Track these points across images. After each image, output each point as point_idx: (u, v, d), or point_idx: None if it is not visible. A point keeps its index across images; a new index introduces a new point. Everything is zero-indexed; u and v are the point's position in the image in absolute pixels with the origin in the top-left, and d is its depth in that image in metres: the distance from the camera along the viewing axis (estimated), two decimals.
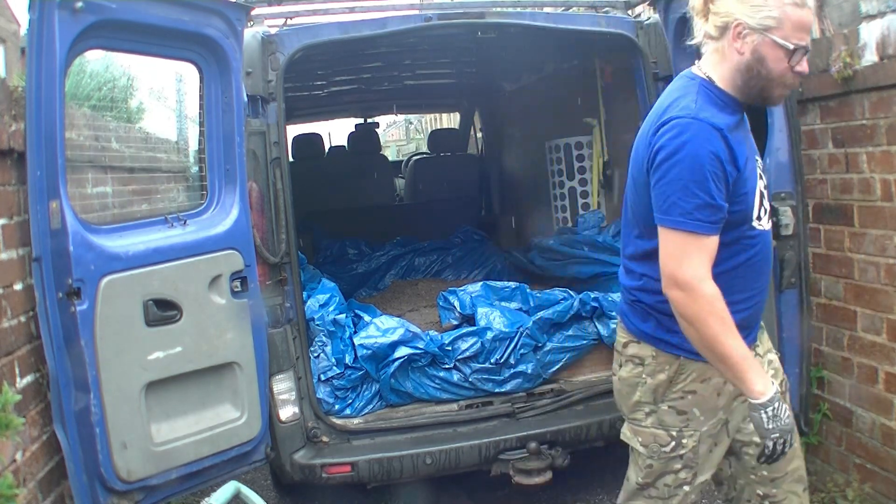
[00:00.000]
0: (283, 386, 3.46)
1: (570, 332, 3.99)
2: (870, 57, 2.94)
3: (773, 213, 3.07)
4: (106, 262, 2.64)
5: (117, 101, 3.43)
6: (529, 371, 3.84)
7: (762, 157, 3.23)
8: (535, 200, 6.48)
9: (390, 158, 9.99)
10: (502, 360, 3.83)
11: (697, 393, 2.29)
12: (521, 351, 3.85)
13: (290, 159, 4.48)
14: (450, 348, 3.84)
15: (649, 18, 3.91)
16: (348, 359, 3.75)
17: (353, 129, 7.85)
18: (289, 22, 3.72)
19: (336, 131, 9.26)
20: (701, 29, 2.21)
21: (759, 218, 2.23)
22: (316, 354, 3.72)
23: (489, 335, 3.89)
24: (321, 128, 7.86)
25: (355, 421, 3.69)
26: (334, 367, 3.71)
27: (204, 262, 2.94)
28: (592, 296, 4.06)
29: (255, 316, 3.11)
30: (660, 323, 2.27)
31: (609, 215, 5.38)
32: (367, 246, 6.33)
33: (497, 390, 3.83)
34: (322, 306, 3.88)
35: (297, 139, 7.11)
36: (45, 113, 2.47)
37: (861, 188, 3.12)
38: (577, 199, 5.84)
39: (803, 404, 3.26)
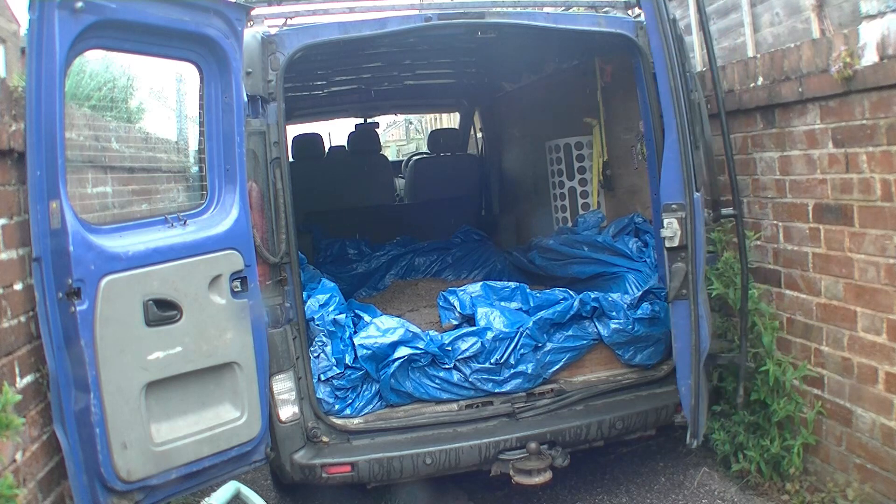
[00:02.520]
0: (283, 386, 3.47)
1: (570, 332, 4.00)
2: (870, 57, 2.94)
3: (660, 224, 3.15)
4: (106, 262, 2.64)
5: (117, 101, 3.43)
6: (529, 371, 3.84)
7: (658, 167, 3.26)
8: (535, 200, 6.48)
9: (390, 158, 9.97)
10: (502, 360, 3.84)
11: None
12: (521, 351, 3.85)
13: (290, 159, 4.48)
14: (450, 348, 3.84)
15: None
16: (348, 359, 3.75)
17: (353, 129, 7.85)
18: (289, 22, 3.73)
19: (336, 131, 9.25)
20: None
21: None
22: (316, 354, 3.72)
23: (489, 335, 3.89)
24: (321, 128, 7.86)
25: (355, 421, 3.70)
26: (334, 367, 3.72)
27: (204, 262, 2.94)
28: (592, 296, 4.06)
29: (255, 316, 3.11)
30: None
31: (609, 215, 5.38)
32: (367, 246, 6.33)
33: (497, 390, 3.83)
34: (322, 306, 3.88)
35: (297, 139, 7.11)
36: (45, 113, 2.47)
37: (861, 188, 3.12)
38: (577, 199, 5.84)
39: (694, 415, 3.27)
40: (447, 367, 3.83)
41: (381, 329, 3.85)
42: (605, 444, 3.86)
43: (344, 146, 7.81)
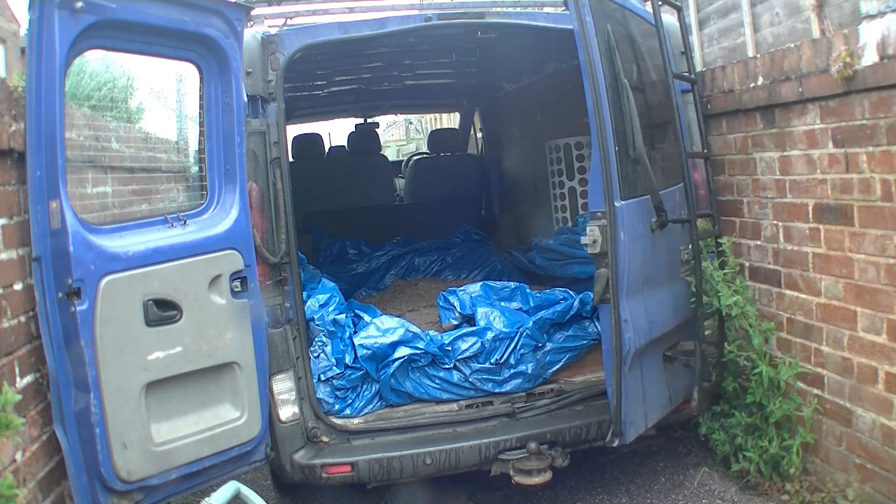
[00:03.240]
0: (283, 386, 3.47)
1: (570, 332, 4.00)
2: (870, 57, 2.94)
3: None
4: (106, 262, 2.64)
5: (117, 101, 3.43)
6: (529, 371, 3.84)
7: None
8: (535, 200, 6.47)
9: (390, 158, 9.96)
10: (502, 360, 3.84)
11: None
12: (521, 351, 3.85)
13: (290, 159, 4.47)
14: (450, 348, 3.85)
15: None
16: (348, 359, 3.75)
17: (353, 129, 7.85)
18: (289, 22, 3.73)
19: (336, 131, 9.25)
20: None
21: None
22: (316, 354, 3.72)
23: (489, 335, 3.90)
24: (321, 128, 7.86)
25: (355, 421, 3.70)
26: (334, 367, 3.72)
27: (204, 262, 2.94)
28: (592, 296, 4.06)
29: (255, 316, 3.12)
30: None
31: None
32: (367, 246, 6.33)
33: (497, 390, 3.83)
34: (322, 306, 3.88)
35: (297, 139, 7.11)
36: (45, 113, 2.47)
37: (861, 188, 3.12)
38: (577, 199, 5.83)
39: (617, 414, 3.34)
40: (447, 367, 3.83)
41: (381, 329, 3.85)
42: (605, 444, 3.86)
43: (344, 146, 7.81)
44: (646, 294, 3.44)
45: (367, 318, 4.09)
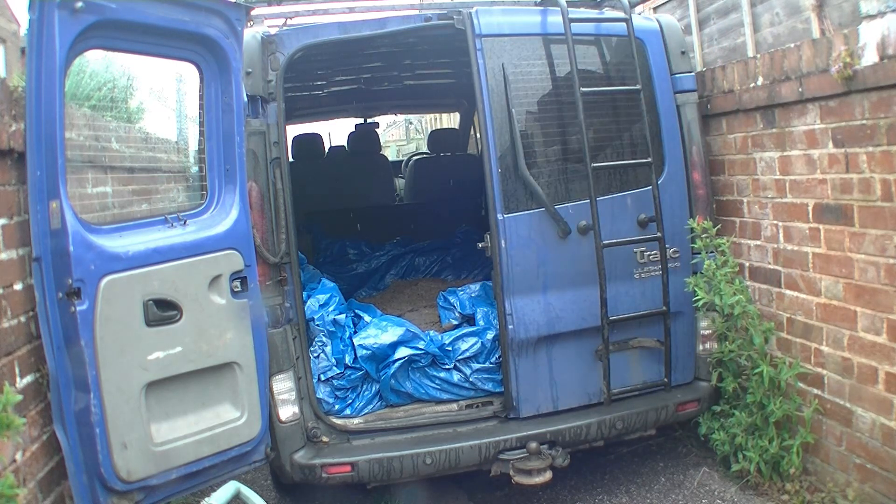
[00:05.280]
0: (283, 386, 3.47)
1: None
2: (870, 57, 2.94)
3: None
4: (106, 262, 2.64)
5: (117, 101, 3.42)
6: None
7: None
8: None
9: (390, 158, 9.94)
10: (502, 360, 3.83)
11: None
12: None
13: (290, 159, 4.47)
14: (450, 348, 3.85)
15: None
16: (348, 359, 3.75)
17: (353, 129, 7.84)
18: (289, 22, 3.73)
19: (336, 131, 9.23)
20: None
21: None
22: (316, 354, 3.73)
23: (489, 335, 3.90)
24: (321, 128, 7.84)
25: (355, 421, 3.70)
26: (334, 367, 3.72)
27: (204, 262, 2.94)
28: None
29: (255, 316, 3.12)
30: None
31: None
32: (367, 246, 6.32)
33: (497, 390, 3.83)
34: (322, 306, 3.88)
35: (297, 139, 7.10)
36: (45, 113, 2.47)
37: (861, 188, 3.12)
38: None
39: (507, 391, 3.67)
40: (447, 367, 3.83)
41: (381, 329, 3.85)
42: (605, 444, 3.86)
43: (344, 146, 7.80)
44: (549, 293, 3.63)
45: (367, 318, 4.09)
